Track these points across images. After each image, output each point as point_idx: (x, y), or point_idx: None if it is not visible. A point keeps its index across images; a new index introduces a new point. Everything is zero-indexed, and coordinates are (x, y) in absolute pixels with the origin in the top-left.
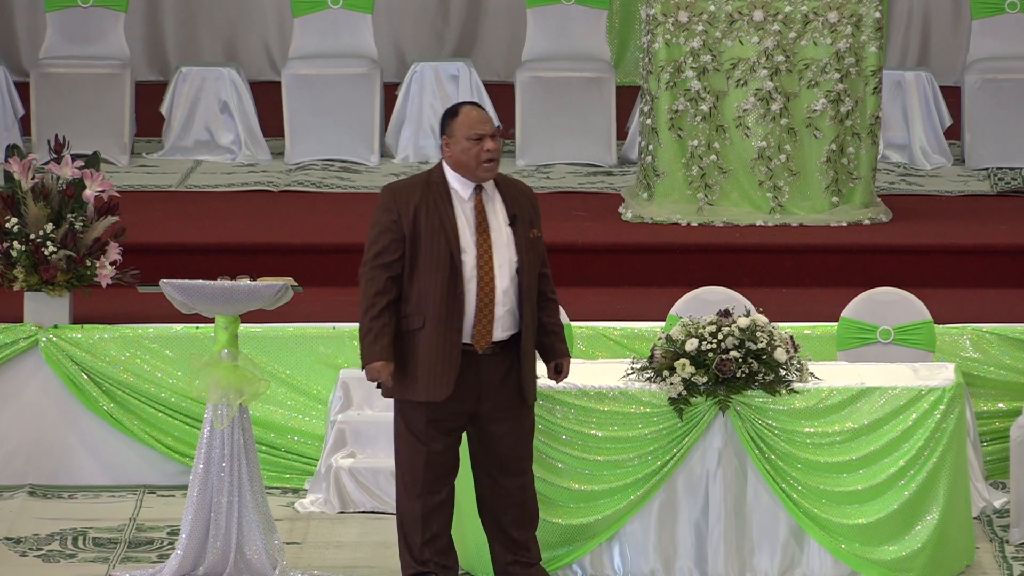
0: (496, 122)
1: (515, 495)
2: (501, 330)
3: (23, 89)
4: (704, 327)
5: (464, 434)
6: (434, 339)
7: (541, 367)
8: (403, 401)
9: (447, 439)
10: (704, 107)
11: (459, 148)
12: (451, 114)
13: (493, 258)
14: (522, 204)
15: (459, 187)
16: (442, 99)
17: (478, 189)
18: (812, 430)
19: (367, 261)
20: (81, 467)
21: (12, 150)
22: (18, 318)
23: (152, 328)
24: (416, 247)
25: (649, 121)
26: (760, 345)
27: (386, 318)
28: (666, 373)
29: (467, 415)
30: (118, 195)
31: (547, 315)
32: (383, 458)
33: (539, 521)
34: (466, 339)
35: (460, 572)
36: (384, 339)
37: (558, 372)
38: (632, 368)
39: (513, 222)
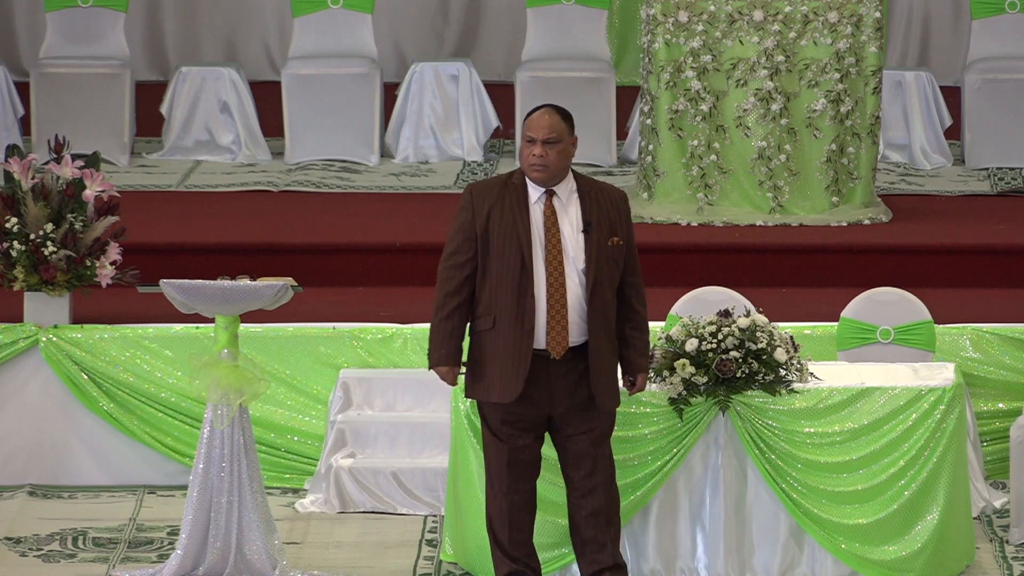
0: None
1: (590, 495)
2: (573, 338)
3: (23, 89)
4: (704, 327)
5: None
6: (504, 341)
7: None
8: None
9: (526, 437)
10: (704, 107)
11: (521, 148)
12: (526, 116)
13: (564, 264)
14: (605, 210)
15: (531, 189)
16: (442, 99)
17: (550, 193)
18: (812, 430)
19: (443, 260)
20: (81, 467)
21: (12, 150)
22: (18, 318)
23: (152, 328)
24: (488, 247)
25: (649, 121)
26: (760, 345)
27: (455, 321)
28: (666, 373)
29: (543, 416)
30: (118, 195)
31: (630, 326)
32: (383, 458)
33: (619, 531)
34: (539, 344)
35: (460, 573)
36: (451, 343)
37: (631, 385)
38: None
39: (587, 228)
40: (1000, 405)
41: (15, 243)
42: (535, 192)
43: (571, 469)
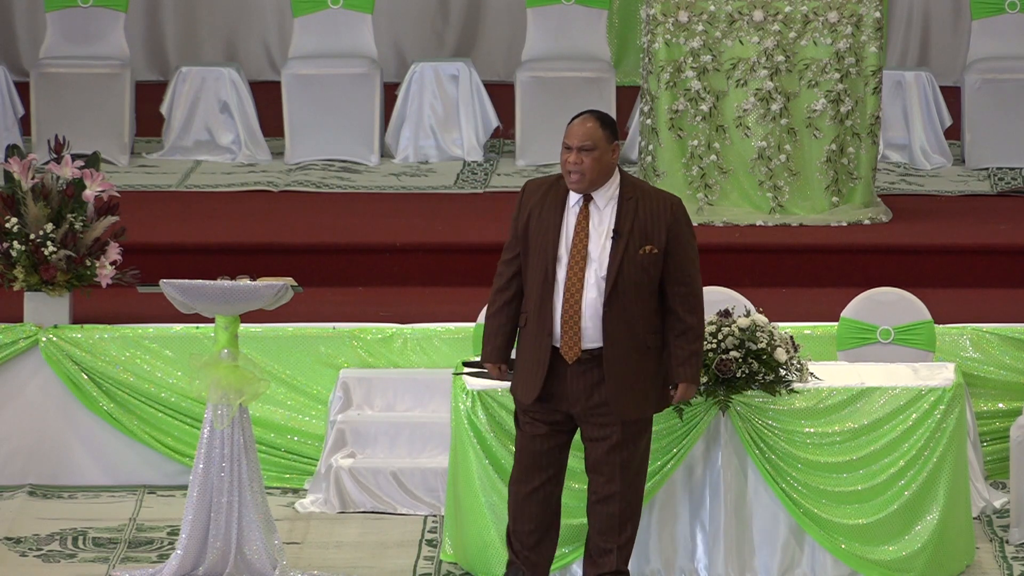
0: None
1: (604, 502)
2: (587, 341)
3: (23, 89)
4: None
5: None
6: (530, 340)
7: None
8: None
9: (544, 429)
10: (704, 107)
11: (561, 154)
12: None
13: (586, 269)
14: (643, 218)
15: (571, 193)
16: (442, 99)
17: (587, 199)
18: (812, 430)
19: (502, 255)
20: (81, 467)
21: (12, 150)
22: (18, 318)
23: (152, 328)
24: (528, 245)
25: (649, 121)
26: (760, 345)
27: (503, 317)
28: None
29: (562, 413)
30: (118, 195)
31: (674, 334)
32: (383, 458)
33: (633, 536)
34: (557, 343)
35: (460, 573)
36: (497, 339)
37: (673, 393)
38: None
39: (615, 235)
40: (1000, 405)
41: (15, 243)
42: (574, 196)
43: (591, 472)
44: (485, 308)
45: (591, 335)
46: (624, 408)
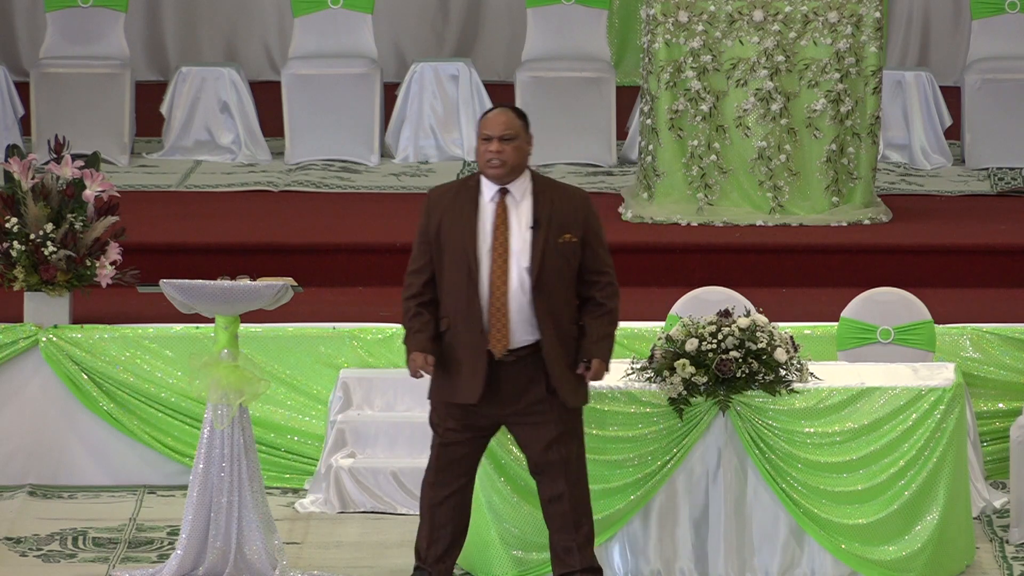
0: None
1: (555, 502)
2: (518, 336)
3: (23, 89)
4: (704, 327)
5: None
6: (459, 342)
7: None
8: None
9: (465, 436)
10: (704, 107)
11: (477, 147)
12: (481, 116)
13: (508, 262)
14: (559, 209)
15: (486, 189)
16: (442, 99)
17: (503, 192)
18: (812, 430)
19: (408, 268)
20: (81, 467)
21: (12, 150)
22: (18, 318)
23: (152, 328)
24: (441, 249)
25: (649, 121)
26: (760, 345)
27: (425, 317)
28: (666, 373)
29: (490, 417)
30: (118, 195)
31: (592, 317)
32: (383, 458)
33: (591, 531)
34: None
35: (460, 572)
36: (422, 334)
37: (586, 371)
38: (632, 368)
39: (535, 225)
40: (1000, 405)
41: (15, 243)
42: (489, 191)
43: (535, 474)
44: (403, 317)
45: (519, 329)
46: (570, 395)
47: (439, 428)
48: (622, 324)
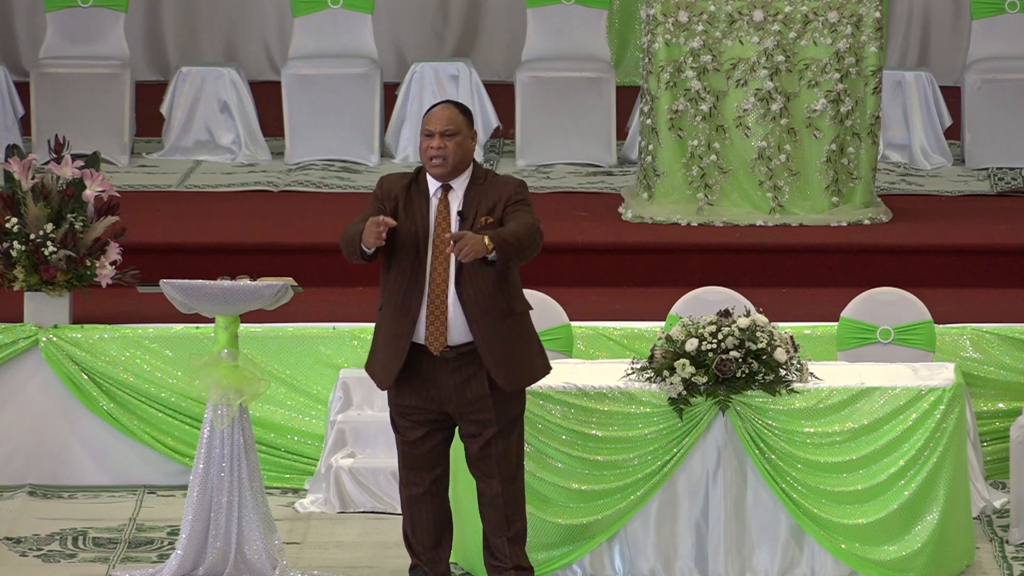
0: (496, 122)
1: (490, 499)
2: (456, 334)
3: (23, 89)
4: (704, 327)
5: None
6: (388, 327)
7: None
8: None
9: (420, 431)
10: (704, 107)
11: (420, 143)
12: (425, 112)
13: (449, 259)
14: (488, 197)
15: (430, 184)
16: (442, 99)
17: (446, 188)
18: (812, 430)
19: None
20: (81, 467)
21: (12, 150)
22: (18, 318)
23: (152, 328)
24: (391, 239)
25: (649, 121)
26: (760, 345)
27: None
28: (666, 373)
29: (436, 411)
30: (118, 195)
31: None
32: (383, 458)
33: (523, 529)
34: (419, 339)
35: (460, 572)
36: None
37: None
38: (632, 368)
39: (461, 217)
40: (1000, 405)
41: (15, 243)
42: (433, 186)
43: (471, 468)
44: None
45: (459, 330)
46: (513, 380)
47: (398, 428)
48: (622, 324)
